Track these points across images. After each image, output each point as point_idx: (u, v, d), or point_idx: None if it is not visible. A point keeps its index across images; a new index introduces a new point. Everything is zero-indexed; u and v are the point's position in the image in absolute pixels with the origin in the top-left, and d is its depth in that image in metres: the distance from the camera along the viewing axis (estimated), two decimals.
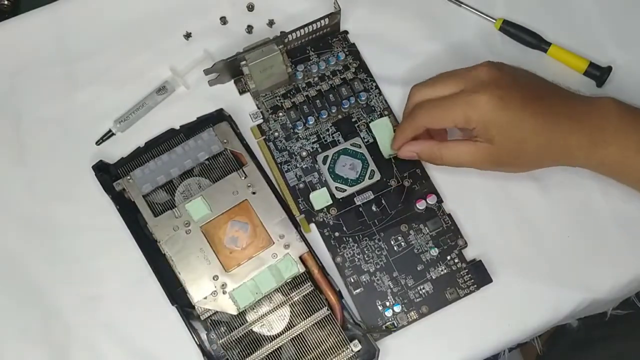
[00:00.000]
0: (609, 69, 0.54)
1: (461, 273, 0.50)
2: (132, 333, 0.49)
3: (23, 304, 0.50)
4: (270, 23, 0.57)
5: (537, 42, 0.55)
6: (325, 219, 0.51)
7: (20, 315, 0.50)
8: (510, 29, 0.56)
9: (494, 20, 0.56)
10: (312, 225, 0.51)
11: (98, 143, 0.53)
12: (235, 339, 0.47)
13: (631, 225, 0.51)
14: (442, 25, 0.57)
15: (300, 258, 0.48)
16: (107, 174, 0.51)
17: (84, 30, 0.56)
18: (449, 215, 0.51)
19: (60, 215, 0.52)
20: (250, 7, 0.57)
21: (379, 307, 0.49)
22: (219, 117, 0.52)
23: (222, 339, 0.47)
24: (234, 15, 0.57)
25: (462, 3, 0.57)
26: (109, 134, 0.53)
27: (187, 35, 0.56)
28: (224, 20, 0.57)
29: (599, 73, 0.54)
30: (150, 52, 0.56)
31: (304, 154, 0.53)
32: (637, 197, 0.51)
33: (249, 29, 0.56)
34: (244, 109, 0.54)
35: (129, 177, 0.50)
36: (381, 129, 0.53)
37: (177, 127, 0.53)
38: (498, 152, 0.47)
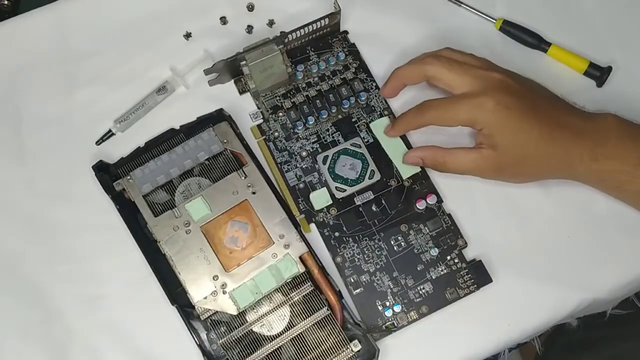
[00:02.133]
0: (609, 69, 0.54)
1: (461, 273, 0.50)
2: (132, 333, 0.49)
3: (23, 304, 0.50)
4: (270, 23, 0.57)
5: (537, 42, 0.55)
6: (325, 219, 0.51)
7: (20, 315, 0.50)
8: (510, 29, 0.56)
9: (494, 20, 0.56)
10: (312, 225, 0.51)
11: (98, 143, 0.53)
12: (235, 339, 0.47)
13: (631, 225, 0.51)
14: (442, 26, 0.57)
15: (300, 258, 0.48)
16: (107, 174, 0.51)
17: (84, 30, 0.56)
18: (449, 215, 0.51)
19: (60, 215, 0.52)
20: (250, 7, 0.57)
21: (379, 307, 0.49)
22: (219, 117, 0.52)
23: (222, 339, 0.47)
24: (234, 15, 0.57)
25: (462, 3, 0.57)
26: (109, 134, 0.53)
27: (187, 35, 0.56)
28: (224, 20, 0.57)
29: (599, 73, 0.54)
30: (150, 52, 0.56)
31: (304, 154, 0.53)
32: None
33: (249, 29, 0.56)
34: (244, 109, 0.54)
35: (129, 177, 0.50)
36: (381, 129, 0.53)
37: (177, 127, 0.53)
38: (501, 160, 0.48)
